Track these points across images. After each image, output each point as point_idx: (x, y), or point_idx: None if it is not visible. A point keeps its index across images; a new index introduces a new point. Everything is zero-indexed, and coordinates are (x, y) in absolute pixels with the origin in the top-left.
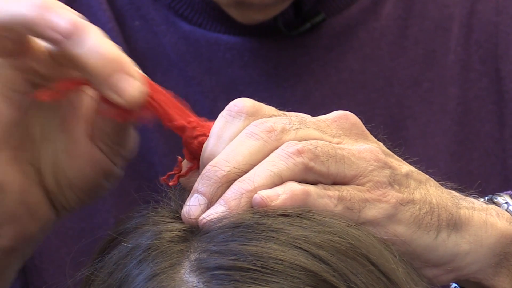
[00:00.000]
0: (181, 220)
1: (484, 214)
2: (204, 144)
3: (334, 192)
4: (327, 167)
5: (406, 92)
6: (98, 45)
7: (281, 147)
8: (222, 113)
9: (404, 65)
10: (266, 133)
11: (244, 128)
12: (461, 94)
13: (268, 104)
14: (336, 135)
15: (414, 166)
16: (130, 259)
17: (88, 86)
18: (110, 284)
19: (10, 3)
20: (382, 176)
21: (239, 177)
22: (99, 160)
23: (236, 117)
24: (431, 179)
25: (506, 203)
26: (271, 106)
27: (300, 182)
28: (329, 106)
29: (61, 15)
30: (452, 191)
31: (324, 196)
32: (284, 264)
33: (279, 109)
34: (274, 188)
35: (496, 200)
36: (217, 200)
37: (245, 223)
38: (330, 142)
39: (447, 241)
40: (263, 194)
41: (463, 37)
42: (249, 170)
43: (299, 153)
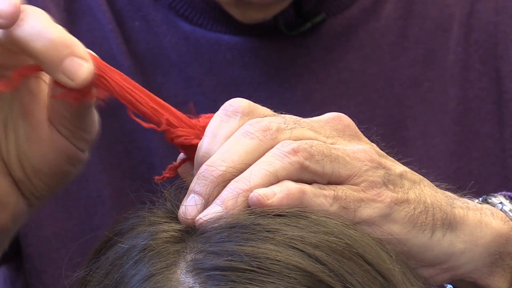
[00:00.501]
0: (177, 220)
1: (479, 214)
2: (199, 143)
3: (329, 191)
4: (322, 166)
5: (406, 92)
6: (44, 29)
7: (277, 146)
8: (218, 113)
9: (404, 65)
10: (261, 132)
11: (239, 127)
12: (461, 94)
13: (269, 104)
14: (330, 136)
15: (413, 166)
16: (126, 259)
17: (42, 71)
18: (106, 285)
19: None
20: (377, 176)
21: (235, 177)
22: (61, 145)
23: (231, 116)
24: (425, 179)
25: (501, 203)
26: (266, 108)
27: (296, 182)
28: (329, 106)
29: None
30: (446, 192)
31: (319, 195)
32: (280, 265)
33: (279, 109)
34: (270, 187)
35: (490, 201)
36: (213, 200)
37: (241, 224)
38: (325, 143)
39: (442, 240)
40: (260, 193)
41: (463, 37)
42: (244, 169)
43: (295, 152)
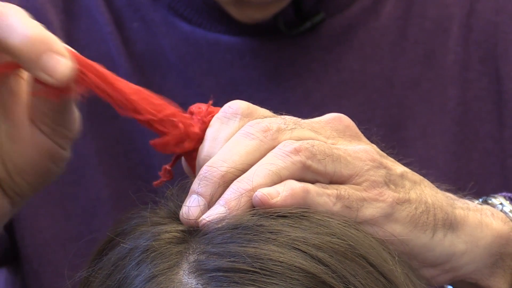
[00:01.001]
0: (179, 221)
1: (479, 215)
2: (200, 146)
3: (332, 190)
4: (324, 165)
5: (406, 92)
6: (21, 26)
7: (278, 146)
8: (217, 115)
9: (404, 65)
10: (261, 132)
11: (240, 128)
12: (461, 94)
13: (269, 104)
14: (331, 136)
15: (413, 166)
16: (129, 260)
17: (21, 69)
18: (109, 285)
19: None
20: (378, 175)
21: (236, 177)
22: (43, 143)
23: (231, 118)
24: (425, 180)
25: (501, 204)
26: (265, 109)
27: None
28: (329, 106)
29: None
30: (446, 192)
31: (323, 194)
32: (283, 266)
33: (279, 109)
34: (274, 187)
35: (490, 202)
36: (216, 201)
37: (243, 225)
38: (325, 143)
39: (443, 241)
40: (264, 192)
41: (463, 37)
42: (246, 170)
43: (297, 151)
